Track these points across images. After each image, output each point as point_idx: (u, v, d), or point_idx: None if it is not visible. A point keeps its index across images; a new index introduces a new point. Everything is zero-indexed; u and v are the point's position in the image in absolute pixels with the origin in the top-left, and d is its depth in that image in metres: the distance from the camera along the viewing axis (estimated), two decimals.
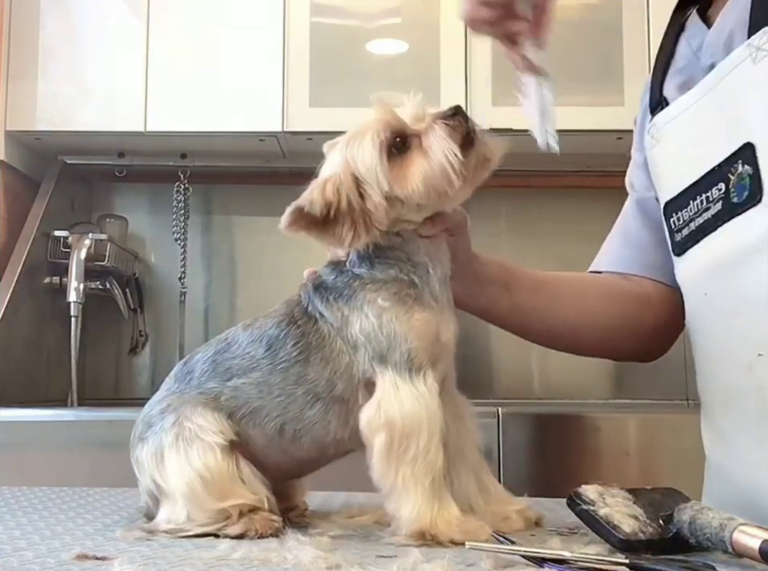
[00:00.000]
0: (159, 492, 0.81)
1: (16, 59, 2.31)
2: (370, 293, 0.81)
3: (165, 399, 0.85)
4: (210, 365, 0.84)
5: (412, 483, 0.75)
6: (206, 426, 0.80)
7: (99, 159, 2.53)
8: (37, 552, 0.71)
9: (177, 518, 0.79)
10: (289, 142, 2.38)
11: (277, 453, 0.83)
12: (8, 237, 2.32)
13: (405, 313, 0.79)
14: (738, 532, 0.65)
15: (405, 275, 0.81)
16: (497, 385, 2.57)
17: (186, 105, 2.31)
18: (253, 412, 0.82)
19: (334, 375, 0.81)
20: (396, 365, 0.78)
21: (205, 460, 0.79)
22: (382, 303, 0.80)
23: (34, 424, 1.88)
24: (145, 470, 0.82)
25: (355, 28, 2.34)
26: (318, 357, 0.81)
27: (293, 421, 0.81)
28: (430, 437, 0.76)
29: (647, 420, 1.87)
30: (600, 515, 0.72)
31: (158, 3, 2.32)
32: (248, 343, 0.84)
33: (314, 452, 0.83)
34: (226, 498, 0.79)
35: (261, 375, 0.82)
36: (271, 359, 0.82)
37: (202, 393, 0.83)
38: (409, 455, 0.75)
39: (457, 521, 0.75)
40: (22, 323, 2.27)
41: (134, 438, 0.85)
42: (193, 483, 0.79)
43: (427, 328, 0.80)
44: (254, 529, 0.77)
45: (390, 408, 0.77)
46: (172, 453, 0.80)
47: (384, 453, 0.76)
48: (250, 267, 2.64)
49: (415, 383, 0.77)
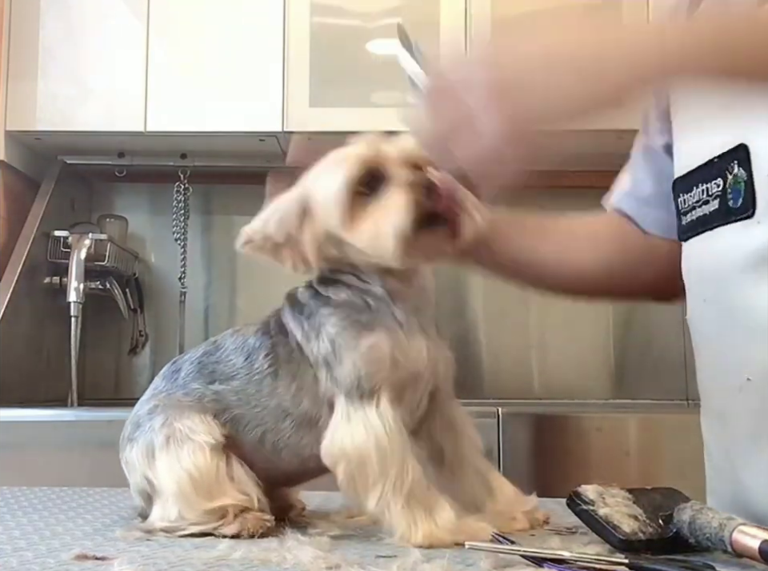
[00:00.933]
0: (152, 490, 0.81)
1: (16, 59, 2.31)
2: (324, 316, 0.80)
3: (151, 399, 0.85)
4: (196, 366, 0.85)
5: (385, 506, 0.75)
6: (195, 427, 0.80)
7: (99, 159, 2.53)
8: (36, 552, 0.71)
9: (168, 516, 0.79)
10: (289, 142, 2.38)
11: (262, 461, 0.83)
12: (8, 237, 2.32)
13: (352, 339, 0.78)
14: (738, 532, 0.65)
15: (357, 298, 0.80)
16: (497, 385, 2.57)
17: (186, 105, 2.31)
18: (235, 418, 0.82)
19: (300, 391, 0.80)
20: (348, 391, 0.77)
21: (194, 459, 0.79)
22: (331, 328, 0.79)
23: (34, 424, 1.88)
24: (136, 469, 0.82)
25: (355, 28, 2.34)
26: (285, 370, 0.81)
27: (271, 432, 0.81)
28: (381, 462, 0.75)
29: (647, 420, 1.87)
30: (600, 515, 0.72)
31: (157, 3, 2.32)
32: (232, 350, 0.84)
33: (295, 464, 0.83)
34: (214, 498, 0.79)
35: (239, 384, 0.82)
36: (248, 369, 0.82)
37: (186, 393, 0.83)
38: (369, 482, 0.75)
39: (453, 525, 0.75)
40: (21, 323, 2.27)
41: (122, 439, 0.85)
42: (182, 482, 0.79)
43: (376, 354, 0.77)
44: (247, 529, 0.77)
45: (342, 439, 0.76)
46: (163, 453, 0.80)
47: (348, 483, 0.76)
48: (250, 267, 2.64)
49: (365, 410, 0.76)
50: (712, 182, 0.86)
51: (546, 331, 2.65)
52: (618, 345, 2.64)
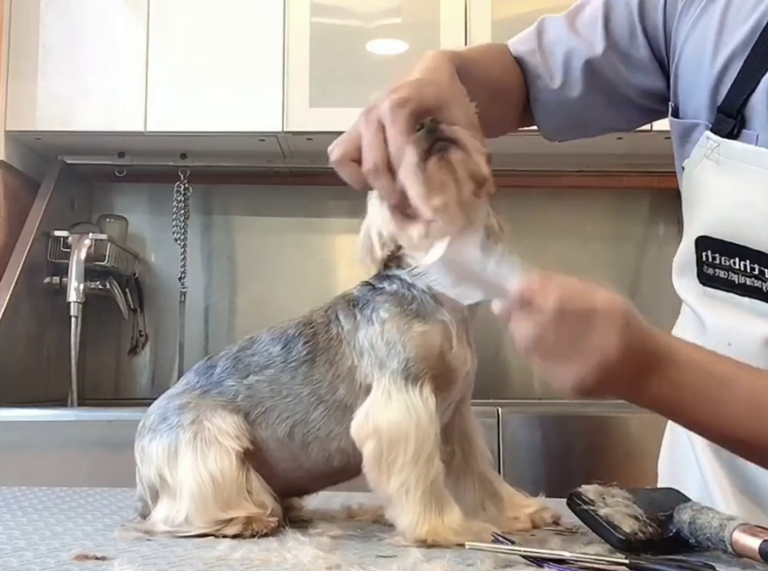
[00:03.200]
0: (162, 487, 0.81)
1: (16, 59, 2.31)
2: (378, 303, 0.82)
3: (184, 394, 0.84)
4: (232, 362, 0.85)
5: (404, 492, 0.75)
6: (225, 429, 0.80)
7: (99, 159, 2.53)
8: (36, 552, 0.71)
9: (174, 519, 0.79)
10: (289, 142, 2.38)
11: (287, 460, 0.83)
12: (8, 237, 2.32)
13: (405, 324, 0.80)
14: (738, 532, 0.65)
15: (417, 292, 0.82)
16: (497, 385, 2.57)
17: (186, 105, 2.31)
18: (266, 412, 0.82)
19: (336, 378, 0.81)
20: (393, 373, 0.78)
21: (221, 465, 0.79)
22: (384, 313, 0.81)
23: (34, 424, 1.88)
24: (151, 462, 0.82)
25: (355, 28, 2.34)
26: (323, 358, 0.82)
27: (301, 424, 0.82)
28: (418, 447, 0.76)
29: (647, 420, 1.86)
30: (600, 515, 0.72)
31: (158, 3, 2.32)
32: (268, 341, 0.85)
33: (320, 460, 0.83)
34: (229, 508, 0.78)
35: (274, 373, 0.82)
36: (284, 357, 0.83)
37: (220, 392, 0.83)
38: (397, 464, 0.76)
39: (458, 526, 0.75)
40: (22, 323, 2.27)
41: (142, 427, 0.85)
42: (204, 485, 0.78)
43: (426, 340, 0.80)
44: (251, 529, 0.78)
45: (378, 416, 0.77)
46: (188, 451, 0.80)
47: (373, 461, 0.76)
48: (250, 267, 2.64)
49: (409, 392, 0.77)
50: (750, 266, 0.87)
51: None
52: None
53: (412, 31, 2.36)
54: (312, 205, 2.62)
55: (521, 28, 1.03)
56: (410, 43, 2.35)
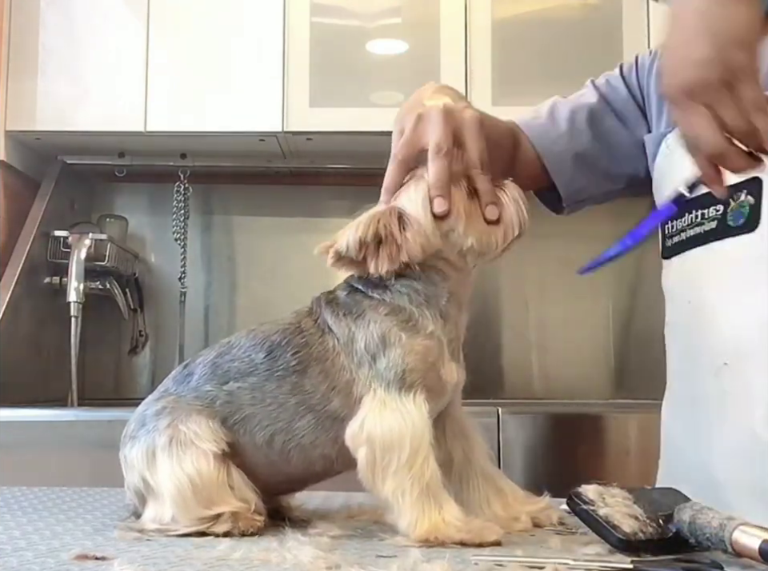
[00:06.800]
0: (147, 491, 0.81)
1: (16, 59, 2.31)
2: (378, 315, 0.81)
3: (160, 400, 0.84)
4: (210, 368, 0.84)
5: (400, 494, 0.75)
6: (201, 433, 0.80)
7: (99, 159, 2.53)
8: (36, 552, 0.71)
9: (162, 518, 0.79)
10: (289, 142, 2.38)
11: (265, 465, 0.83)
12: (8, 237, 2.32)
13: (404, 335, 0.80)
14: (738, 531, 0.65)
15: (414, 307, 0.82)
16: (497, 385, 2.57)
17: (186, 105, 2.31)
18: (245, 419, 0.82)
19: (331, 391, 0.81)
20: (389, 383, 0.79)
21: (197, 466, 0.79)
22: (382, 325, 0.80)
23: (34, 424, 1.88)
24: (133, 468, 0.82)
25: (355, 28, 2.34)
26: (317, 369, 0.81)
27: (282, 432, 0.81)
28: (413, 451, 0.76)
29: (647, 420, 1.86)
30: (600, 515, 0.72)
31: (158, 3, 2.32)
32: (249, 346, 0.83)
33: (300, 466, 0.83)
34: (213, 505, 0.79)
35: (257, 381, 0.82)
36: (269, 365, 0.82)
37: (197, 397, 0.83)
38: (391, 469, 0.76)
39: (460, 523, 0.75)
40: (22, 323, 2.27)
41: (124, 436, 0.85)
42: (183, 487, 0.78)
43: (422, 352, 0.80)
44: (238, 528, 0.78)
45: (371, 423, 0.77)
46: (165, 455, 0.80)
47: (367, 466, 0.77)
48: (250, 267, 2.64)
49: (403, 400, 0.78)
50: (710, 208, 0.93)
51: (546, 331, 2.65)
52: (617, 345, 2.64)
53: (412, 31, 2.36)
54: (312, 205, 2.61)
55: (521, 28, 1.04)
56: (410, 43, 2.35)
